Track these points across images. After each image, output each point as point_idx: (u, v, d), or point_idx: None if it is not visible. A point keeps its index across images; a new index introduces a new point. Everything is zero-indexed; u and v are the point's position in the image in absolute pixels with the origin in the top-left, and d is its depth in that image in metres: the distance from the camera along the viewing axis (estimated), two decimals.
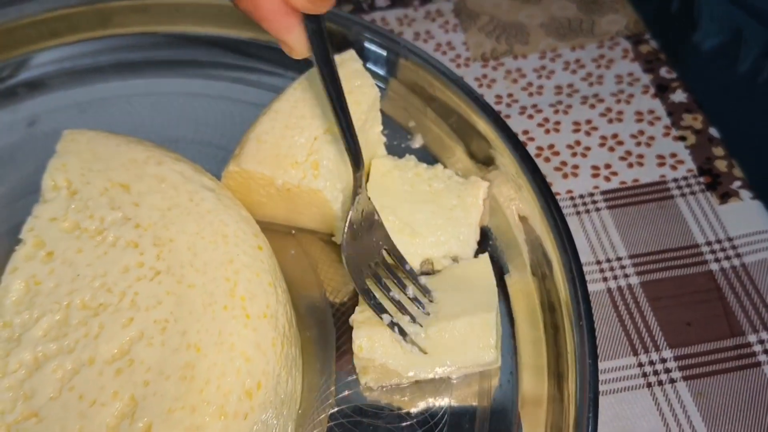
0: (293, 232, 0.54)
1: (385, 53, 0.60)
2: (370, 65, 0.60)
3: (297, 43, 0.42)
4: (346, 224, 0.46)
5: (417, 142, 0.58)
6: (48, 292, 0.44)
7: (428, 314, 0.46)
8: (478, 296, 0.47)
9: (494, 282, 0.48)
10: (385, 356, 0.45)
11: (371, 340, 0.45)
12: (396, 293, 0.47)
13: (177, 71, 0.63)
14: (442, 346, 0.45)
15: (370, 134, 0.55)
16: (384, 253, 0.48)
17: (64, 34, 0.64)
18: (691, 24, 0.71)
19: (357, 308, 0.47)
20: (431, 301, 0.47)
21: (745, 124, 0.65)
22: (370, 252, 0.47)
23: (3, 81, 0.62)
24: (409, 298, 0.47)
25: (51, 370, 0.41)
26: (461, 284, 0.48)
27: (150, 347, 0.42)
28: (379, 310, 0.46)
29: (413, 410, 0.46)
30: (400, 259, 0.48)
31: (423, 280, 0.48)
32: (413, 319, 0.46)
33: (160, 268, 0.44)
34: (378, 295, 0.46)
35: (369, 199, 0.48)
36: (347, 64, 0.54)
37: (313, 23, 0.41)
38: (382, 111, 0.56)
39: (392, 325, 0.45)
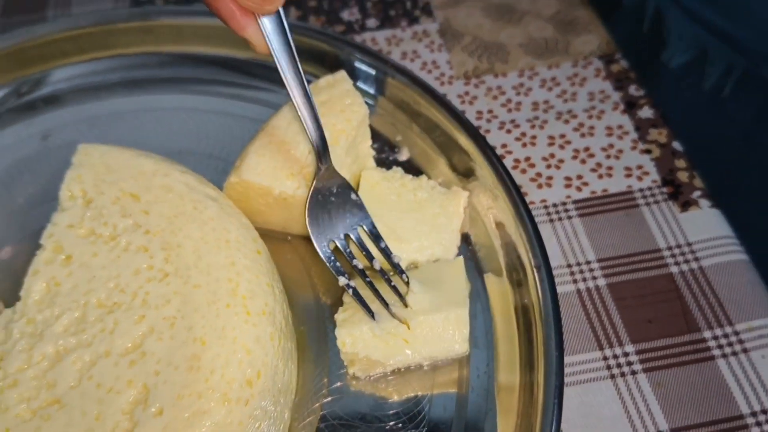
0: (289, 238, 0.58)
1: (373, 72, 0.65)
2: (360, 83, 0.65)
3: (254, 39, 0.48)
4: (310, 191, 0.52)
5: (403, 155, 0.63)
6: (67, 292, 0.48)
7: (399, 293, 0.50)
8: (452, 294, 0.51)
9: (466, 281, 0.53)
10: (366, 350, 0.49)
11: (353, 336, 0.49)
12: (360, 263, 0.51)
13: (180, 88, 0.67)
14: (421, 338, 0.50)
15: (361, 148, 0.59)
16: (360, 230, 0.52)
17: (75, 54, 0.68)
18: (661, 43, 0.76)
19: (340, 308, 0.52)
20: (406, 282, 0.51)
21: (707, 138, 0.70)
22: (340, 223, 0.52)
23: (20, 97, 0.66)
24: (377, 272, 0.51)
25: (71, 361, 0.45)
26: (437, 282, 0.52)
27: (160, 341, 0.46)
28: (337, 272, 0.50)
29: (397, 397, 0.50)
30: (377, 237, 0.52)
31: (397, 259, 0.52)
32: (377, 293, 0.50)
33: (168, 270, 0.49)
34: (340, 261, 0.51)
35: (343, 179, 0.53)
36: (339, 84, 0.59)
37: (270, 22, 0.47)
38: (371, 126, 0.60)
39: (351, 289, 0.50)
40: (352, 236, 0.53)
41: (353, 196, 0.53)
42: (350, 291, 0.50)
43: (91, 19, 0.67)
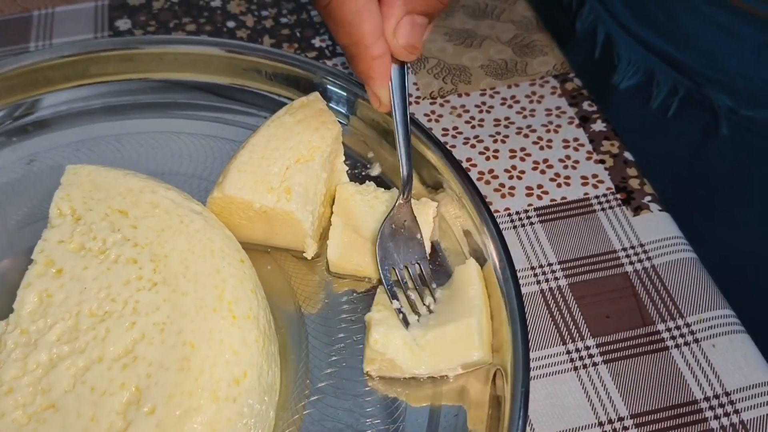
0: (269, 250, 0.61)
1: (345, 94, 0.69)
2: (333, 105, 0.68)
3: (384, 96, 0.55)
4: (385, 219, 0.57)
5: (375, 171, 0.66)
6: (59, 303, 0.50)
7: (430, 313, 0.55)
8: (464, 302, 0.54)
9: (480, 285, 0.55)
10: (395, 353, 0.52)
11: (386, 336, 0.52)
12: (412, 295, 0.56)
13: (161, 112, 0.70)
14: (436, 350, 0.52)
15: (335, 164, 0.63)
16: (416, 266, 0.57)
17: (58, 82, 0.70)
18: (611, 67, 0.81)
19: (374, 307, 0.54)
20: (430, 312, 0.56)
21: (656, 154, 0.75)
22: (401, 255, 0.57)
23: (5, 124, 0.69)
24: (423, 302, 0.56)
25: (65, 368, 0.47)
26: (453, 291, 0.56)
27: (151, 345, 0.48)
28: (392, 295, 0.54)
29: (377, 397, 0.53)
30: (428, 275, 0.57)
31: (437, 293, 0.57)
32: (418, 317, 0.55)
33: (157, 280, 0.51)
34: (394, 284, 0.55)
35: (414, 218, 0.58)
36: (313, 104, 0.62)
37: (396, 77, 0.55)
38: (344, 144, 0.64)
39: (399, 312, 0.54)
40: (409, 270, 0.57)
41: (419, 235, 0.58)
42: (400, 316, 0.54)
43: (74, 49, 0.70)
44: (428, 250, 0.60)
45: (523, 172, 0.68)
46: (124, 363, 0.48)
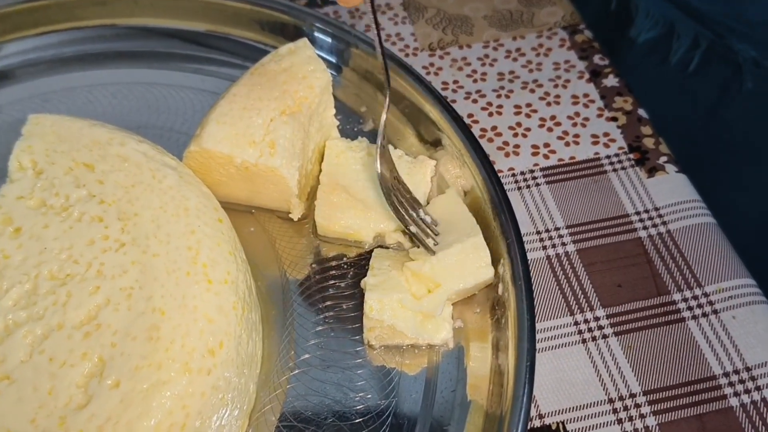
0: (252, 211, 0.57)
1: (337, 43, 0.63)
2: (324, 54, 0.63)
3: None
4: (379, 145, 0.52)
5: (368, 126, 0.62)
6: (16, 265, 0.46)
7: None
8: (460, 225, 0.51)
9: (467, 210, 0.53)
10: (393, 319, 0.48)
11: (381, 302, 0.48)
12: (414, 214, 0.52)
13: (137, 62, 0.65)
14: (445, 273, 0.49)
15: (324, 117, 0.58)
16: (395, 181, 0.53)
17: (27, 27, 0.65)
18: (628, 20, 0.76)
19: (369, 272, 0.50)
20: (436, 225, 0.52)
21: (672, 112, 0.70)
22: (389, 176, 0.52)
23: None
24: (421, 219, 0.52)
25: (21, 335, 0.43)
26: (441, 218, 0.53)
27: (117, 312, 0.44)
28: (404, 222, 0.51)
29: (369, 370, 0.49)
30: (407, 189, 0.53)
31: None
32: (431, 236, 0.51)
33: (124, 240, 0.47)
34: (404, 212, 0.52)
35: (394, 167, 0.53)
36: (300, 51, 0.57)
37: None
38: (335, 97, 0.59)
39: (415, 236, 0.51)
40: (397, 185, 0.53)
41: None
42: (412, 233, 0.51)
43: None
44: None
45: (528, 129, 0.63)
46: (86, 331, 0.43)
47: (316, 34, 0.63)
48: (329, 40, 0.64)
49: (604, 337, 0.52)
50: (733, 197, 0.68)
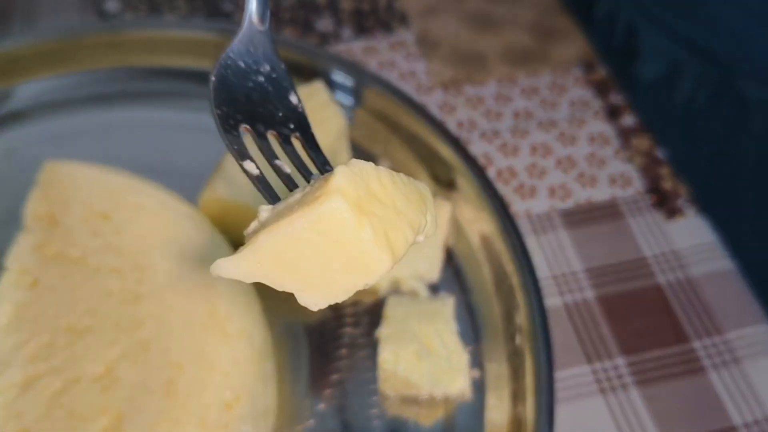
0: None
1: (351, 84, 0.63)
2: (337, 95, 0.63)
3: None
4: (222, 55, 0.37)
5: (383, 166, 0.61)
6: (35, 317, 0.46)
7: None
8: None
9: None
10: (407, 371, 0.48)
11: (396, 355, 0.48)
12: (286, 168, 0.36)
13: (149, 102, 0.65)
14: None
15: (339, 161, 0.58)
16: (293, 136, 0.37)
17: (41, 69, 0.65)
18: (633, 56, 0.75)
19: (383, 322, 0.50)
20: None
21: (686, 147, 0.69)
22: (266, 114, 0.36)
23: None
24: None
25: (40, 389, 0.43)
26: None
27: (134, 365, 0.44)
28: (241, 156, 0.35)
29: (385, 420, 0.48)
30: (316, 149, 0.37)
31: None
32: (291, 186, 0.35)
33: (141, 292, 0.47)
34: (250, 147, 0.36)
35: (283, 66, 0.38)
36: (316, 95, 0.57)
37: None
38: (350, 139, 0.59)
39: (258, 179, 0.35)
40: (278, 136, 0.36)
41: (293, 98, 0.38)
42: (255, 178, 0.35)
43: (58, 33, 0.65)
44: (442, 257, 0.55)
45: (545, 170, 0.63)
46: (103, 384, 0.43)
47: (331, 74, 0.63)
48: (343, 79, 0.63)
49: (623, 386, 0.51)
50: (743, 238, 0.68)
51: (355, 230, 0.29)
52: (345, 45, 0.73)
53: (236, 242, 0.52)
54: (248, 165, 0.35)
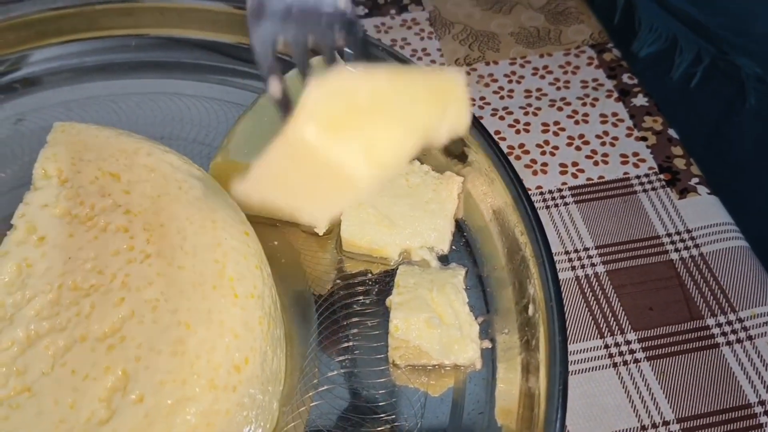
0: (277, 224, 0.56)
1: (364, 58, 0.62)
2: (350, 68, 0.62)
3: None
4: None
5: None
6: (40, 275, 0.45)
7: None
8: None
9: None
10: (418, 339, 0.47)
11: (407, 322, 0.47)
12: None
13: (162, 72, 0.65)
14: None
15: None
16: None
17: (51, 36, 0.65)
18: (632, 34, 0.75)
19: (394, 290, 0.50)
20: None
21: (675, 124, 0.69)
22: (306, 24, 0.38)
23: None
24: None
25: (43, 347, 0.42)
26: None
27: (141, 325, 0.43)
28: (270, 71, 0.37)
29: (394, 389, 0.48)
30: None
31: None
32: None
33: (150, 252, 0.46)
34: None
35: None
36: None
37: None
38: None
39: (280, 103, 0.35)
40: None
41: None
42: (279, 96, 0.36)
43: (68, 0, 0.64)
44: (452, 228, 0.55)
45: (556, 147, 0.62)
46: (110, 344, 0.42)
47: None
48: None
49: (636, 361, 0.51)
50: (741, 219, 0.67)
51: (323, 152, 0.29)
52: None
53: (242, 207, 0.52)
54: (273, 83, 0.37)
